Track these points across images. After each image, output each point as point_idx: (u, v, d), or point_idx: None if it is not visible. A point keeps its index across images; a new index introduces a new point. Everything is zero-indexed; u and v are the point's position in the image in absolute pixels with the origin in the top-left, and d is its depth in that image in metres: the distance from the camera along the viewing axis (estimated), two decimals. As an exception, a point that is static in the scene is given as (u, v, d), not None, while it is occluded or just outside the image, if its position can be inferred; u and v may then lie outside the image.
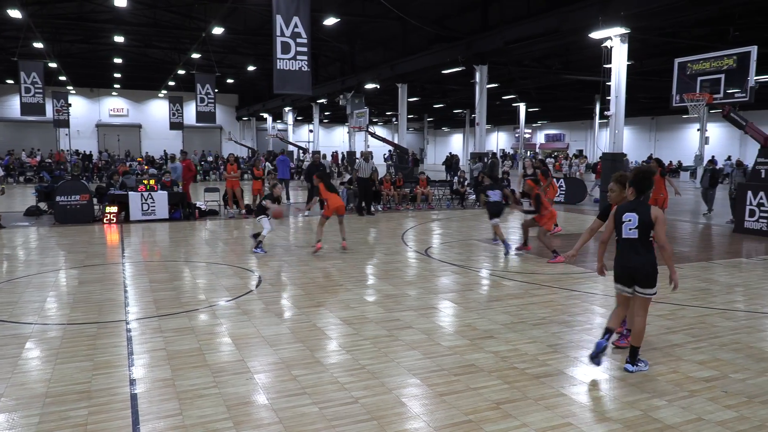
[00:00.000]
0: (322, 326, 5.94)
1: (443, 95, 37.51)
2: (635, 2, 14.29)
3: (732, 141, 37.77)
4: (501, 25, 19.26)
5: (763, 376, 4.67)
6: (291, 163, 24.69)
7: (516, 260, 10.01)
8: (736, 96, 12.53)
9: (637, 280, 4.66)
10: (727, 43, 16.84)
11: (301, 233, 13.10)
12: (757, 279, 8.30)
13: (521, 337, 5.62)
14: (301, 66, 15.47)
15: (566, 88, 32.29)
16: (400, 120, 27.19)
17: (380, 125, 58.37)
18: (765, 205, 12.36)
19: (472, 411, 4.00)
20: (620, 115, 16.38)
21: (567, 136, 53.82)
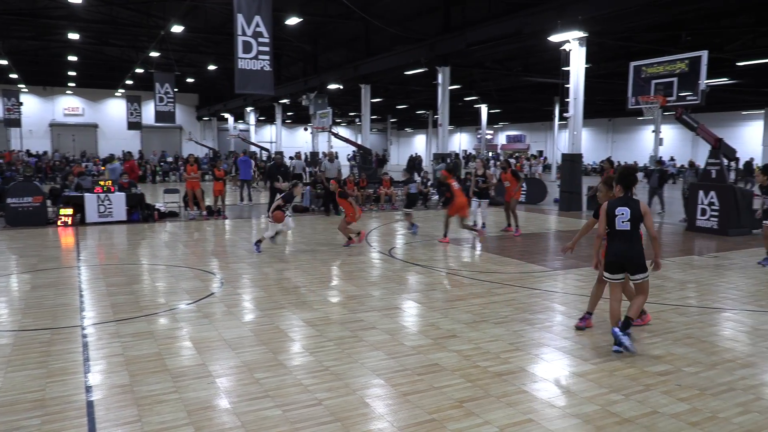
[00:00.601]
0: (285, 328, 5.89)
1: (406, 96, 37.68)
2: (592, 7, 14.65)
3: (685, 142, 39.03)
4: (463, 27, 19.46)
5: (713, 369, 4.84)
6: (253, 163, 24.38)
7: (479, 259, 10.13)
8: (689, 99, 12.95)
9: (627, 268, 5.19)
10: (679, 47, 17.38)
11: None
12: (709, 275, 8.59)
13: (483, 335, 5.69)
14: (263, 66, 15.31)
15: (527, 90, 32.83)
16: (364, 121, 27.21)
17: (343, 126, 58.24)
18: (715, 204, 12.82)
19: (435, 410, 4.02)
20: (579, 116, 16.77)
21: (528, 137, 54.73)
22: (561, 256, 10.22)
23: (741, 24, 18.57)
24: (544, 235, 12.89)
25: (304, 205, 17.22)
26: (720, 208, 12.73)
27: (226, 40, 24.89)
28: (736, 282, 8.25)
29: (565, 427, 3.82)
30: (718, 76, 24.17)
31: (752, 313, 6.61)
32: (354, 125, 57.17)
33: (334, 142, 28.36)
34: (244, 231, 13.38)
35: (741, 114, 36.87)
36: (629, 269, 5.19)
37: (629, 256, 5.14)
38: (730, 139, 17.05)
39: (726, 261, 9.82)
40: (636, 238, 5.15)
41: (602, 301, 6.00)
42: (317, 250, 10.62)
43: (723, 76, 24.76)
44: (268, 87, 15.56)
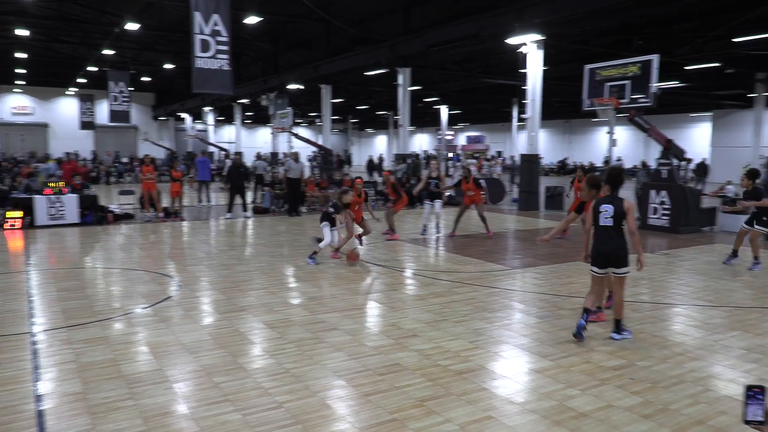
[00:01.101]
0: (245, 331, 5.82)
1: (367, 97, 37.69)
2: (548, 11, 14.95)
3: (637, 143, 40.19)
4: (423, 28, 19.58)
5: (665, 363, 5.00)
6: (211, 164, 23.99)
7: (440, 259, 10.21)
8: (641, 101, 13.33)
9: (611, 261, 5.48)
10: (632, 51, 17.88)
11: (223, 236, 12.77)
12: (660, 272, 8.87)
13: (444, 334, 5.73)
14: (221, 65, 15.08)
15: (486, 91, 33.24)
16: (324, 121, 27.09)
17: (304, 126, 57.86)
18: (666, 203, 13.25)
19: (397, 410, 4.04)
20: (536, 118, 17.09)
21: (487, 138, 55.44)
22: (520, 255, 10.41)
23: (689, 29, 19.24)
24: (503, 235, 13.07)
25: (264, 206, 17.04)
26: (671, 206, 13.16)
27: (183, 39, 24.42)
28: (686, 278, 8.54)
29: (523, 422, 3.89)
30: (668, 80, 25.00)
31: (701, 308, 6.86)
32: (315, 126, 56.85)
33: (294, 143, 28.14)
34: (203, 233, 13.15)
35: (690, 116, 38.17)
36: (612, 263, 5.49)
37: (610, 251, 5.46)
38: (679, 140, 17.66)
39: (676, 258, 10.16)
40: (617, 234, 5.46)
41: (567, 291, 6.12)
42: (278, 252, 10.52)
43: (673, 79, 25.64)
44: (227, 87, 15.34)
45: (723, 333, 5.86)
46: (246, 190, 16.59)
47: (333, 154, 26.72)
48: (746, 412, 2.06)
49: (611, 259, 5.49)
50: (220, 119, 47.97)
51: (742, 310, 6.74)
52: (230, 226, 14.08)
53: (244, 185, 16.36)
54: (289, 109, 26.76)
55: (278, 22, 24.96)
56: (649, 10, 14.78)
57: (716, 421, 3.91)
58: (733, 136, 33.36)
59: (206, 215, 16.28)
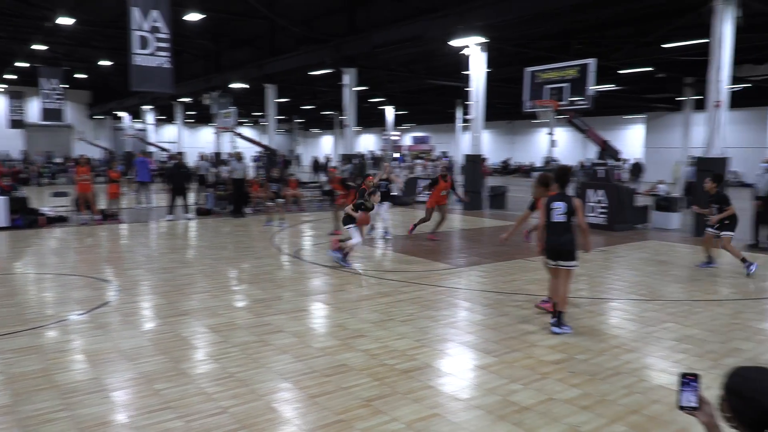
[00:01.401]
0: (187, 336, 5.67)
1: (313, 97, 37.43)
2: (490, 14, 15.28)
3: (576, 144, 41.53)
4: (369, 29, 19.62)
5: (602, 356, 5.19)
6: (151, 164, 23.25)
7: (386, 259, 10.26)
8: (579, 103, 13.81)
9: (561, 254, 5.78)
10: (570, 55, 18.49)
11: (164, 239, 12.42)
12: (597, 269, 9.21)
13: (390, 334, 5.76)
14: (161, 62, 14.68)
15: (431, 92, 33.60)
16: (269, 121, 26.75)
17: (249, 126, 56.93)
18: (603, 201, 13.76)
19: (343, 410, 4.03)
20: (480, 119, 17.42)
21: (432, 138, 56.08)
22: (465, 254, 10.58)
23: (623, 35, 20.04)
24: (448, 234, 13.25)
25: (207, 208, 16.66)
26: (608, 205, 13.67)
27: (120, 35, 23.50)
28: (621, 273, 8.90)
29: (468, 418, 3.95)
30: (604, 83, 25.97)
31: (635, 302, 7.16)
32: (259, 125, 56.01)
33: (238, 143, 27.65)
34: (142, 236, 12.75)
35: (624, 118, 39.80)
36: (562, 256, 5.79)
37: (562, 245, 5.76)
38: (615, 141, 18.36)
39: (613, 255, 10.56)
40: (569, 230, 5.76)
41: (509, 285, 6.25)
42: (222, 254, 10.31)
43: (608, 82, 26.66)
44: (167, 85, 14.93)
45: (655, 325, 6.14)
46: (188, 191, 16.19)
47: (278, 154, 26.42)
48: (680, 398, 2.16)
49: (561, 253, 5.79)
50: (160, 118, 46.57)
51: (673, 303, 7.07)
52: (171, 229, 13.71)
53: (186, 186, 15.96)
54: (233, 109, 26.30)
55: (220, 20, 24.45)
56: (585, 15, 15.32)
57: (650, 410, 4.09)
58: (665, 137, 35.04)
59: (146, 217, 15.78)
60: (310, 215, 16.68)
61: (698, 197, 13.05)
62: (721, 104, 12.06)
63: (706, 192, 9.41)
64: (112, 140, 48.37)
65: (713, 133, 12.27)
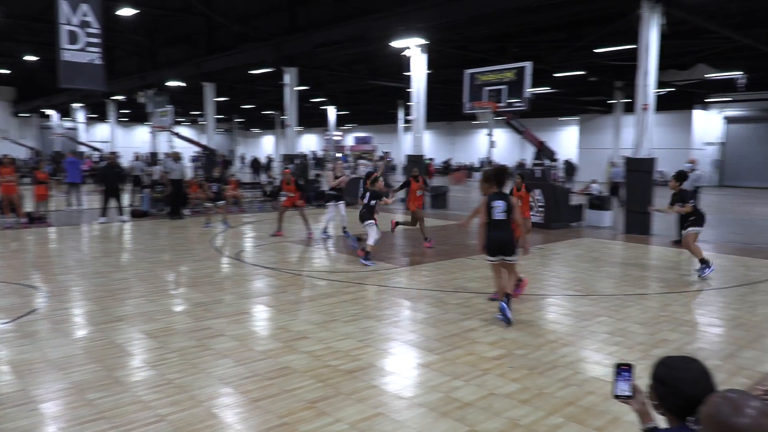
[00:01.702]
0: (122, 342, 5.47)
1: (252, 96, 36.85)
2: (430, 16, 15.48)
3: (514, 145, 42.65)
4: (309, 28, 19.50)
5: (540, 350, 5.35)
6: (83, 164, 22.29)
7: (328, 259, 10.22)
8: (516, 105, 14.16)
9: (503, 250, 6.09)
10: (507, 58, 18.96)
11: (97, 242, 11.93)
12: (535, 266, 9.48)
13: (334, 334, 5.74)
14: (92, 59, 14.07)
15: (373, 93, 33.73)
16: (207, 120, 26.15)
17: (186, 125, 55.44)
18: (540, 200, 14.17)
19: (287, 413, 3.98)
20: (421, 119, 17.61)
21: (375, 138, 56.28)
22: (408, 253, 10.68)
23: (558, 39, 20.75)
24: (391, 234, 13.32)
25: (143, 209, 16.11)
26: (544, 204, 14.10)
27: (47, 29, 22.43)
28: (558, 270, 9.20)
29: (412, 416, 3.99)
30: (540, 86, 26.81)
31: (571, 298, 7.42)
32: (198, 125, 54.63)
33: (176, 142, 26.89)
34: (73, 239, 12.19)
35: (559, 120, 41.19)
36: (504, 251, 6.11)
37: (503, 241, 6.08)
38: (550, 142, 18.96)
39: (549, 252, 10.91)
40: (508, 226, 6.09)
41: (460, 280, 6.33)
42: (159, 257, 9.99)
43: (544, 85, 27.53)
44: (99, 82, 14.34)
45: (590, 319, 6.38)
46: (122, 192, 15.60)
47: (217, 154, 25.87)
48: (615, 388, 2.26)
49: (504, 249, 6.10)
50: (92, 116, 44.72)
51: (605, 298, 7.37)
52: (105, 231, 13.18)
53: (120, 187, 15.37)
54: (170, 107, 25.54)
55: (155, 16, 23.71)
56: (520, 20, 15.77)
57: (585, 401, 4.25)
58: (597, 138, 36.49)
59: (77, 220, 15.10)
60: (251, 216, 16.40)
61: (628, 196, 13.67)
62: (648, 107, 12.67)
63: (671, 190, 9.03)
64: (40, 139, 46.09)
65: (641, 134, 12.86)
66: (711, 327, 6.30)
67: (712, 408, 1.77)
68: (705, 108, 33.67)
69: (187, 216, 15.86)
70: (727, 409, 1.72)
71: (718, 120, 34.01)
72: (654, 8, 12.28)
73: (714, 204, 21.43)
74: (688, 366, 2.08)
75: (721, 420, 1.72)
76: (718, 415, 1.73)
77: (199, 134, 48.47)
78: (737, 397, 1.75)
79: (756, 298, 7.44)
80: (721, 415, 1.72)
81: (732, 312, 6.84)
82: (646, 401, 2.22)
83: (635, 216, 13.04)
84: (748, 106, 32.21)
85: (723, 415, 1.72)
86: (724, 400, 1.76)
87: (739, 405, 1.72)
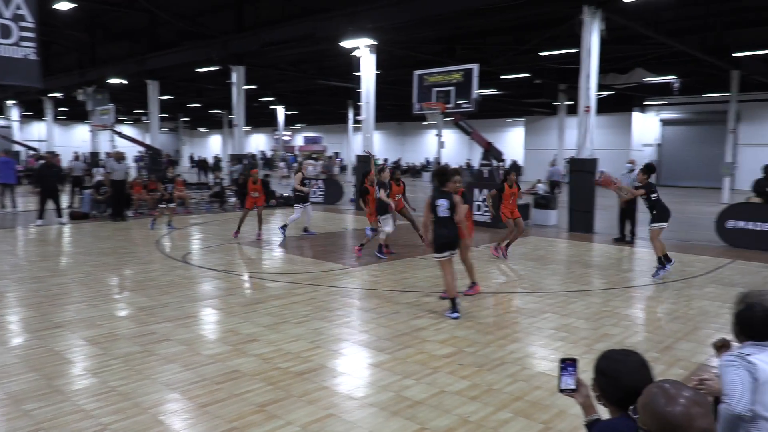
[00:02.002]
0: (62, 350, 5.25)
1: (199, 94, 36.03)
2: (379, 17, 15.53)
3: (463, 145, 43.28)
4: (257, 27, 19.22)
5: (489, 347, 5.45)
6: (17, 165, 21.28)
7: (279, 261, 10.11)
8: (464, 106, 14.38)
9: (452, 245, 6.45)
10: (455, 60, 19.22)
11: (33, 246, 11.41)
12: (483, 264, 9.65)
13: (284, 336, 5.68)
14: (26, 54, 13.39)
15: (322, 92, 33.55)
16: (152, 119, 25.41)
17: (129, 124, 53.73)
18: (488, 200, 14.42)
19: (236, 418, 3.92)
20: (371, 120, 17.64)
21: (324, 138, 56.03)
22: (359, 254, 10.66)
23: (504, 42, 21.18)
24: (341, 234, 13.31)
25: (83, 211, 15.50)
26: (492, 203, 14.33)
27: (-23, 22, 21.31)
28: (505, 268, 9.39)
29: (363, 416, 3.99)
30: (487, 87, 27.32)
31: (518, 295, 7.60)
32: (142, 124, 53.02)
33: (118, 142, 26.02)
34: (7, 243, 11.62)
35: (506, 121, 42.08)
36: (452, 247, 6.46)
37: (451, 237, 6.41)
38: (498, 143, 19.33)
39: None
40: (452, 223, 6.40)
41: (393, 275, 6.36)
42: (101, 261, 9.64)
43: (491, 87, 28.07)
44: (34, 78, 13.65)
45: (536, 316, 6.55)
46: (60, 194, 14.97)
47: (162, 154, 25.18)
48: (560, 382, 2.32)
49: (452, 244, 6.44)
50: (27, 114, 42.74)
51: (551, 295, 7.58)
52: (42, 234, 12.62)
53: (58, 188, 14.74)
54: (111, 105, 24.70)
55: (95, 10, 22.87)
56: (467, 22, 16.04)
57: (532, 396, 4.35)
58: (542, 139, 37.48)
59: (12, 223, 14.41)
60: (198, 217, 16.05)
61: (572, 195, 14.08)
62: (590, 109, 13.09)
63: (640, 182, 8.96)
64: (-31, 138, 43.68)
65: (584, 135, 13.29)
66: (650, 321, 6.57)
67: (648, 398, 1.87)
68: (643, 111, 35.10)
69: (130, 218, 15.38)
70: (661, 398, 1.82)
71: (655, 122, 35.50)
72: (594, 14, 12.70)
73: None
74: (627, 358, 2.18)
75: (656, 409, 1.82)
76: (653, 404, 1.83)
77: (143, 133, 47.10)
78: (671, 388, 1.85)
79: (691, 293, 7.80)
80: (655, 405, 1.83)
81: (669, 306, 7.16)
82: (590, 394, 2.30)
83: (579, 215, 13.45)
84: (682, 109, 33.77)
85: (658, 404, 1.82)
86: (659, 390, 1.86)
87: (672, 395, 1.82)
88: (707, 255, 10.69)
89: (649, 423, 1.84)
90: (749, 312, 2.58)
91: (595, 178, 12.65)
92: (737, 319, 2.65)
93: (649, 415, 1.84)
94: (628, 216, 12.19)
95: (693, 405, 1.79)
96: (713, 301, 7.32)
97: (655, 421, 1.82)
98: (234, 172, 20.85)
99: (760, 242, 11.27)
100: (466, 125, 15.08)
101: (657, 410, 1.81)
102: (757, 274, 9.15)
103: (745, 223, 11.65)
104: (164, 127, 52.73)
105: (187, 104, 42.36)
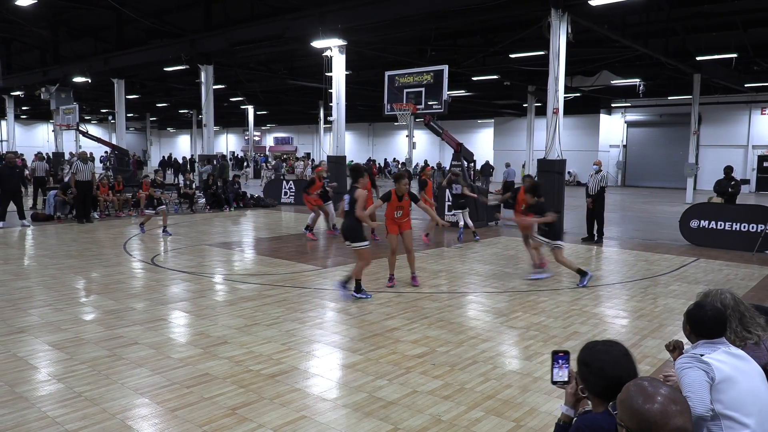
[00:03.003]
0: (25, 355, 5.10)
1: (167, 94, 35.44)
2: (349, 17, 15.51)
3: (434, 146, 43.59)
4: (226, 25, 18.99)
5: (461, 347, 5.49)
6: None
7: (249, 263, 10.01)
8: (434, 107, 14.44)
9: (347, 237, 7.24)
10: (426, 61, 19.31)
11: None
12: (456, 264, 9.72)
13: (256, 338, 5.63)
14: (-14, 51, 13.04)
15: (293, 93, 33.33)
16: (118, 119, 24.88)
17: (95, 124, 52.56)
18: (459, 201, 14.51)
19: (207, 421, 3.87)
20: (341, 120, 17.59)
21: (295, 139, 55.71)
22: (331, 255, 10.63)
23: (474, 44, 21.37)
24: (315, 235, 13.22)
25: (47, 213, 15.11)
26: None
27: (-67, 17, 20.62)
28: (476, 268, 9.47)
29: (336, 418, 3.98)
30: (458, 89, 27.53)
31: (489, 294, 7.67)
32: (107, 123, 51.92)
33: (84, 142, 25.44)
34: (-33, 246, 11.25)
35: (476, 122, 42.45)
36: (347, 238, 7.25)
37: (346, 228, 7.25)
38: (468, 144, 19.48)
39: (468, 250, 11.21)
40: (351, 216, 7.15)
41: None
42: (66, 263, 9.40)
43: (462, 88, 28.27)
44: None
45: (507, 315, 6.62)
46: (22, 195, 14.56)
47: (129, 155, 24.71)
48: (553, 374, 2.35)
49: (346, 235, 7.24)
50: (-14, 113, 41.45)
51: (521, 294, 7.67)
52: (3, 237, 12.25)
53: (20, 189, 14.33)
54: (75, 104, 24.13)
55: (58, 7, 22.26)
56: (436, 24, 16.12)
57: (503, 394, 4.40)
58: (512, 140, 37.94)
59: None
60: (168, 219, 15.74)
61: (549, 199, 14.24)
62: (558, 111, 13.29)
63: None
64: (-75, 137, 42.20)
65: (552, 137, 13.48)
66: (617, 318, 6.70)
67: (626, 395, 1.92)
68: (609, 113, 35.81)
69: (96, 219, 15.04)
70: (639, 396, 1.87)
71: (621, 124, 36.25)
72: (562, 17, 12.90)
73: (617, 203, 22.84)
74: (609, 349, 2.22)
75: (634, 406, 1.86)
76: (631, 402, 1.88)
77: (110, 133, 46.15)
78: (648, 385, 1.90)
79: (657, 291, 7.99)
80: (633, 402, 1.87)
81: (635, 304, 7.31)
82: (582, 386, 2.33)
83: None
84: (647, 111, 34.55)
85: (635, 401, 1.86)
86: (636, 388, 1.91)
87: (649, 393, 1.87)
88: (672, 254, 10.96)
89: (626, 420, 1.88)
90: (700, 311, 2.61)
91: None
92: (688, 318, 2.64)
93: (626, 412, 1.88)
94: (595, 216, 12.41)
95: (670, 403, 1.84)
96: (678, 298, 7.51)
97: (632, 418, 1.86)
98: (203, 173, 20.55)
99: (722, 241, 11.61)
100: (437, 126, 15.16)
101: (634, 407, 1.85)
102: (720, 271, 9.42)
103: (708, 222, 11.99)
104: (131, 127, 51.82)
105: (155, 103, 41.62)
